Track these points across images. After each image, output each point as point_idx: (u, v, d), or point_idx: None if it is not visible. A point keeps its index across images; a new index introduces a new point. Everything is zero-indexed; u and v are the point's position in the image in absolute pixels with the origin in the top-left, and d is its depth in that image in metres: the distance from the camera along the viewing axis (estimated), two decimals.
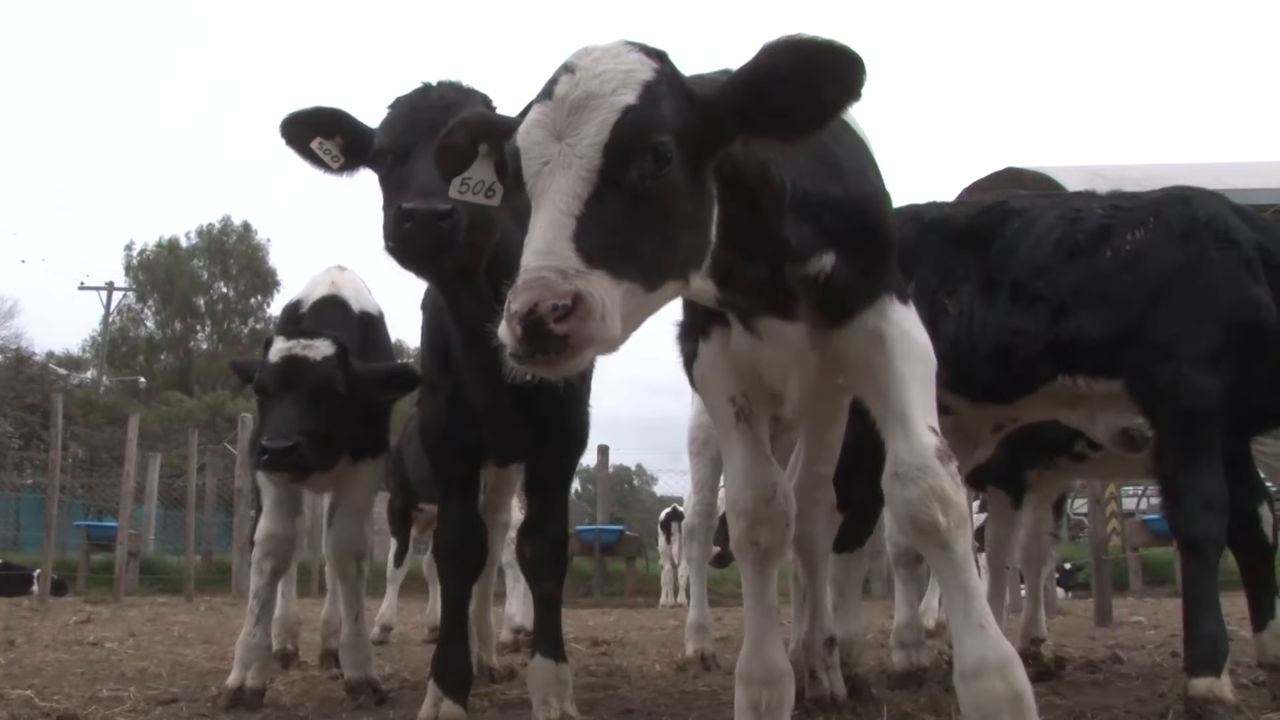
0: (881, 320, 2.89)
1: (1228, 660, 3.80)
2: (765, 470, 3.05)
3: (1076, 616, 10.52)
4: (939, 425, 2.89)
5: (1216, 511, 3.88)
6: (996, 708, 2.64)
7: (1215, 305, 3.96)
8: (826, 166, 2.81)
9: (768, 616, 3.11)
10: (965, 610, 2.73)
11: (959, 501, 2.73)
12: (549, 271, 2.11)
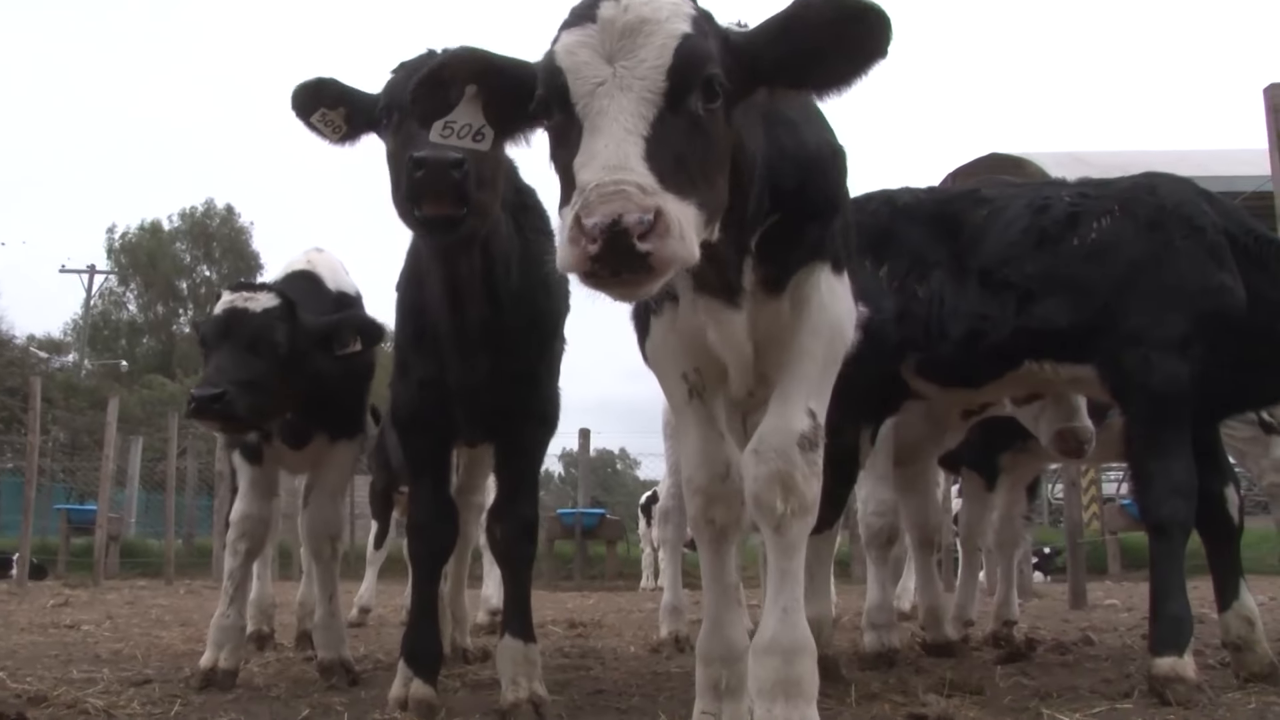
0: (810, 287, 2.86)
1: (1192, 640, 3.85)
2: (719, 447, 3.02)
3: (1053, 599, 10.60)
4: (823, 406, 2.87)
5: (1184, 496, 3.94)
6: (772, 688, 2.69)
7: (1182, 292, 4.01)
8: (783, 130, 2.79)
9: (726, 595, 3.09)
10: (778, 592, 2.76)
11: (805, 491, 2.73)
12: (629, 185, 2.05)
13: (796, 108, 2.86)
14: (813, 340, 2.83)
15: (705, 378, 3.03)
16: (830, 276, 2.89)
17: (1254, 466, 5.07)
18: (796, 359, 2.82)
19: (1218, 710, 3.56)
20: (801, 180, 2.81)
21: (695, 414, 3.04)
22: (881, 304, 4.45)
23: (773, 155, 2.75)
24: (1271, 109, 5.77)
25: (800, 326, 2.83)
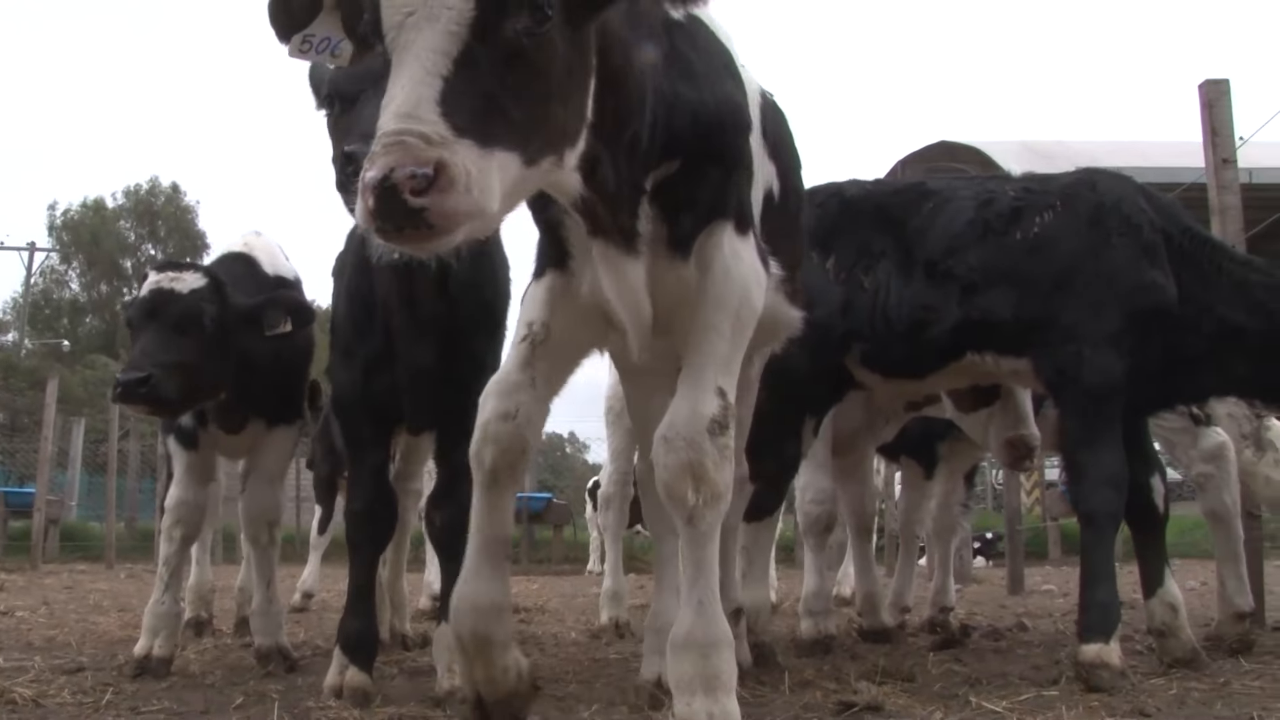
0: (713, 249, 2.73)
1: (1119, 628, 3.92)
2: (521, 390, 2.85)
3: (992, 585, 10.76)
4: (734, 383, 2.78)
5: (1115, 486, 4.02)
6: (690, 681, 2.66)
7: (1116, 289, 4.10)
8: (680, 68, 2.67)
9: (487, 548, 2.93)
10: (692, 585, 2.72)
11: (716, 479, 2.65)
12: (410, 136, 1.92)
13: (703, 55, 2.75)
14: (718, 314, 2.72)
15: (552, 336, 2.90)
16: (734, 238, 2.77)
17: (1183, 456, 5.16)
18: (702, 335, 2.72)
19: (1140, 695, 3.64)
20: (702, 128, 2.68)
21: (520, 355, 2.89)
22: (828, 295, 4.51)
23: (670, 94, 2.63)
24: (1205, 104, 5.87)
25: (705, 298, 2.72)
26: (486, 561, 2.93)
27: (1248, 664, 4.36)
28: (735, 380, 2.78)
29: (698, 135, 2.67)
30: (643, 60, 2.53)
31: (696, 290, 2.74)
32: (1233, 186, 5.78)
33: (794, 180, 3.50)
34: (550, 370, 2.93)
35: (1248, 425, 5.05)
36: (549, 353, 2.91)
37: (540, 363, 2.89)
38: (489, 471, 2.87)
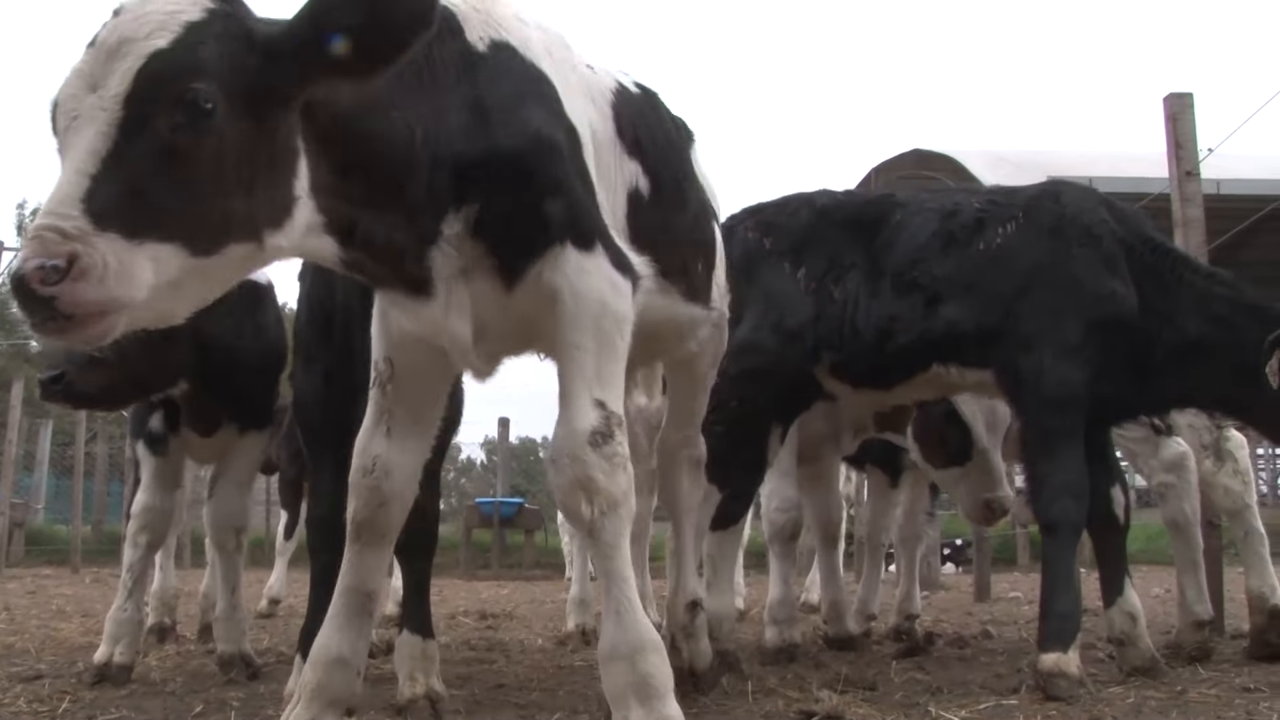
0: (556, 274, 2.71)
1: (1078, 637, 3.95)
2: (375, 442, 2.93)
3: (960, 592, 10.83)
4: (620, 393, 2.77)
5: (1075, 496, 4.05)
6: (623, 693, 2.65)
7: (1077, 299, 4.13)
8: (468, 107, 2.64)
9: (344, 598, 3.01)
10: (607, 595, 2.72)
11: (608, 488, 2.65)
12: (48, 231, 1.99)
13: (503, 88, 2.72)
14: (576, 332, 2.72)
15: (397, 371, 2.94)
16: (576, 257, 2.73)
17: (1144, 466, 5.20)
18: (567, 354, 2.73)
19: (1098, 705, 3.66)
20: (500, 168, 2.64)
21: (373, 402, 2.95)
22: (799, 305, 4.53)
23: (460, 139, 2.61)
24: (1169, 117, 5.93)
25: (561, 322, 2.72)
26: (342, 612, 2.99)
27: (1205, 672, 4.40)
28: (617, 388, 2.77)
29: (498, 175, 2.65)
30: (412, 123, 2.52)
31: (550, 316, 2.74)
32: (1196, 199, 5.84)
33: (671, 172, 3.42)
34: (409, 407, 2.97)
35: (1208, 436, 5.09)
36: (401, 389, 2.95)
37: (395, 405, 2.94)
38: (352, 524, 2.97)
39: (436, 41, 2.57)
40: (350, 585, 3.00)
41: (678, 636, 3.92)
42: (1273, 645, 4.77)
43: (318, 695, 2.91)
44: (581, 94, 3.00)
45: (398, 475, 2.94)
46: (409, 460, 2.97)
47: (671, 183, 3.40)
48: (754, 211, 4.91)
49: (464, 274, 2.71)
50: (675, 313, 3.47)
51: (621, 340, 2.79)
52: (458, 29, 2.68)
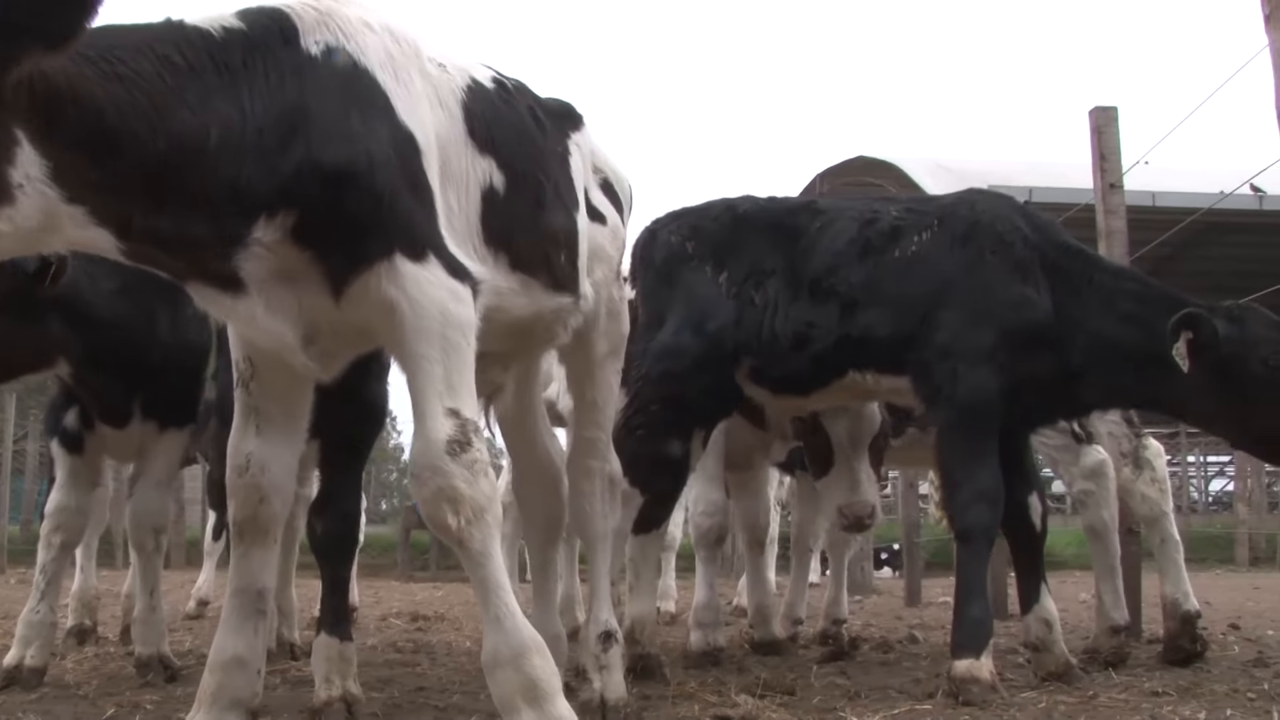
0: (389, 286, 2.69)
1: (990, 643, 4.00)
2: (245, 441, 2.97)
3: (893, 596, 10.90)
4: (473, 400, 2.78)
5: (989, 502, 4.10)
6: (512, 699, 2.67)
7: (989, 306, 4.18)
8: (288, 115, 2.62)
9: (235, 599, 3.02)
10: (484, 603, 2.73)
11: (472, 496, 2.64)
12: None
13: (336, 106, 2.70)
14: (421, 343, 2.71)
15: (258, 369, 2.97)
16: (410, 268, 2.71)
17: (1065, 474, 5.29)
18: (415, 366, 2.72)
19: (1010, 709, 3.71)
20: (324, 181, 2.62)
21: (239, 402, 2.99)
22: (720, 309, 4.55)
23: (274, 148, 2.58)
24: (1095, 129, 6.04)
25: (403, 334, 2.71)
26: (235, 613, 3.01)
27: (1119, 677, 4.47)
28: (470, 394, 2.77)
29: (314, 187, 2.63)
30: (203, 121, 2.47)
31: (391, 328, 2.74)
32: (1119, 210, 5.94)
33: (528, 166, 3.36)
34: (276, 403, 3.00)
35: (1127, 444, 5.17)
36: (265, 387, 2.98)
37: (262, 402, 2.97)
38: (234, 525, 3.01)
39: (261, 47, 2.58)
40: (239, 586, 3.00)
41: (589, 668, 3.77)
42: (1185, 650, 4.87)
43: (218, 698, 2.90)
44: (427, 99, 2.97)
45: (274, 470, 2.97)
46: (283, 455, 3.00)
47: (528, 178, 3.35)
48: (677, 215, 4.93)
49: (286, 277, 2.70)
50: (540, 307, 3.43)
51: (468, 346, 2.78)
52: (291, 34, 2.67)
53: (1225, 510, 23.52)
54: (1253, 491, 19.73)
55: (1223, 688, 4.13)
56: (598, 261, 3.83)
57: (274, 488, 2.98)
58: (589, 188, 3.86)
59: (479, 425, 2.76)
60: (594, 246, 3.79)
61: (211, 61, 2.50)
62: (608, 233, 3.93)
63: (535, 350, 3.84)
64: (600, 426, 3.97)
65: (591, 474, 3.91)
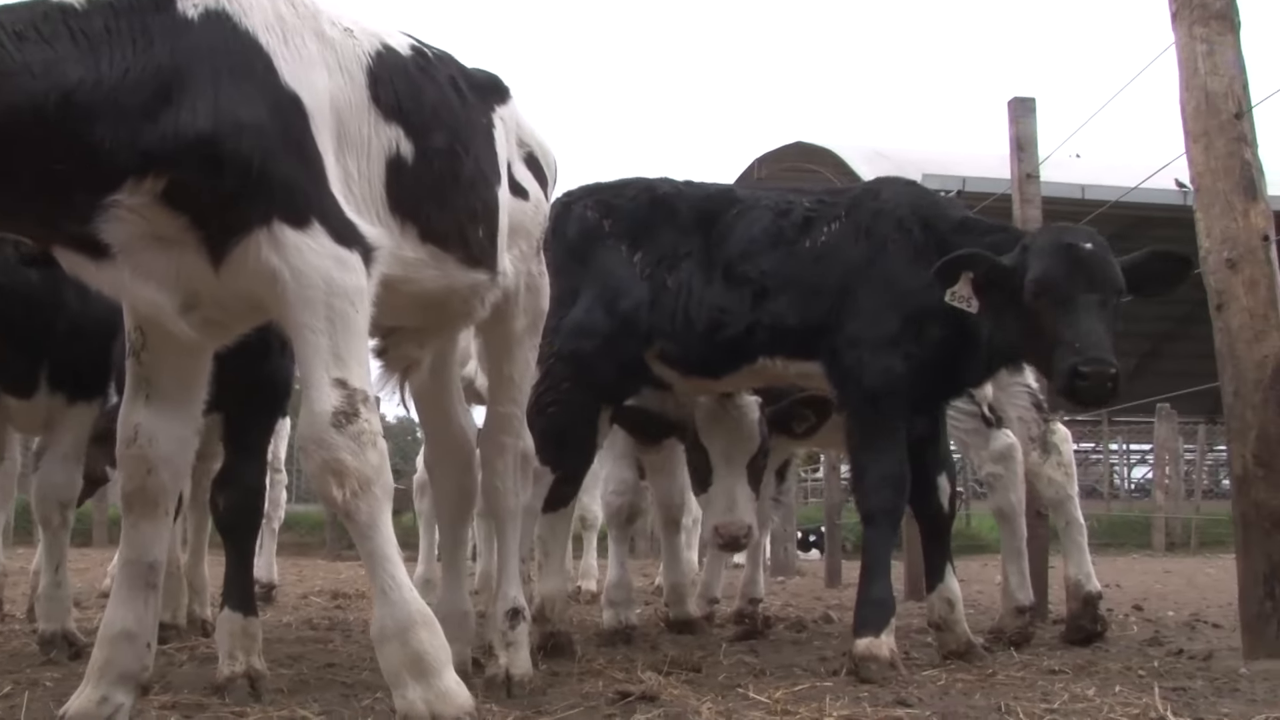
0: (270, 254, 2.66)
1: (891, 623, 4.08)
2: (134, 411, 2.94)
3: (816, 577, 11.03)
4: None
5: (894, 486, 4.18)
6: (399, 672, 2.69)
7: (892, 293, 4.24)
8: (156, 79, 2.58)
9: (125, 570, 2.99)
10: (372, 576, 2.74)
11: (358, 468, 2.63)
12: None
13: (208, 72, 2.66)
14: (305, 313, 2.68)
15: (149, 339, 2.93)
16: (291, 236, 2.68)
17: (975, 457, 5.39)
18: (299, 336, 2.70)
19: (908, 686, 3.77)
20: (190, 147, 2.58)
21: (130, 372, 2.96)
22: (634, 289, 4.56)
23: (137, 113, 2.55)
24: (1012, 120, 6.13)
25: (286, 303, 2.69)
26: (124, 585, 2.97)
27: (1020, 656, 4.59)
28: (358, 363, 2.74)
29: (181, 152, 2.59)
30: (53, 85, 2.44)
31: (274, 297, 2.72)
32: (1035, 200, 6.05)
33: (444, 136, 3.32)
34: (169, 373, 2.96)
35: (1035, 429, 5.28)
36: (157, 357, 2.94)
37: (153, 372, 2.93)
38: (122, 497, 2.97)
39: (129, 13, 2.55)
40: (129, 558, 2.97)
41: (496, 644, 3.78)
42: (1086, 630, 5.00)
43: (106, 671, 2.86)
44: (324, 63, 2.92)
45: (163, 441, 2.92)
46: (174, 427, 2.95)
47: (443, 149, 3.30)
48: (593, 191, 4.91)
49: (159, 242, 2.66)
50: (453, 281, 3.39)
51: (357, 315, 2.75)
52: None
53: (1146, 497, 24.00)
54: (1170, 479, 20.17)
55: (1117, 666, 4.25)
56: (519, 236, 3.81)
57: (162, 459, 2.93)
58: (513, 161, 3.84)
59: (368, 395, 2.73)
60: (515, 222, 3.77)
61: (67, 30, 2.47)
62: (530, 207, 3.91)
63: (451, 326, 3.79)
64: (516, 402, 3.96)
65: (505, 450, 3.90)
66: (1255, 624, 4.11)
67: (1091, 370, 3.71)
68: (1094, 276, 3.89)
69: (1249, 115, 4.28)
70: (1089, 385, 3.72)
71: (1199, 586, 9.18)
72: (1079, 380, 3.72)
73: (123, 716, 2.86)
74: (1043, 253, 3.96)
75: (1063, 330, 3.83)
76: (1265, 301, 4.16)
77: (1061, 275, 3.88)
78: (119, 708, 2.85)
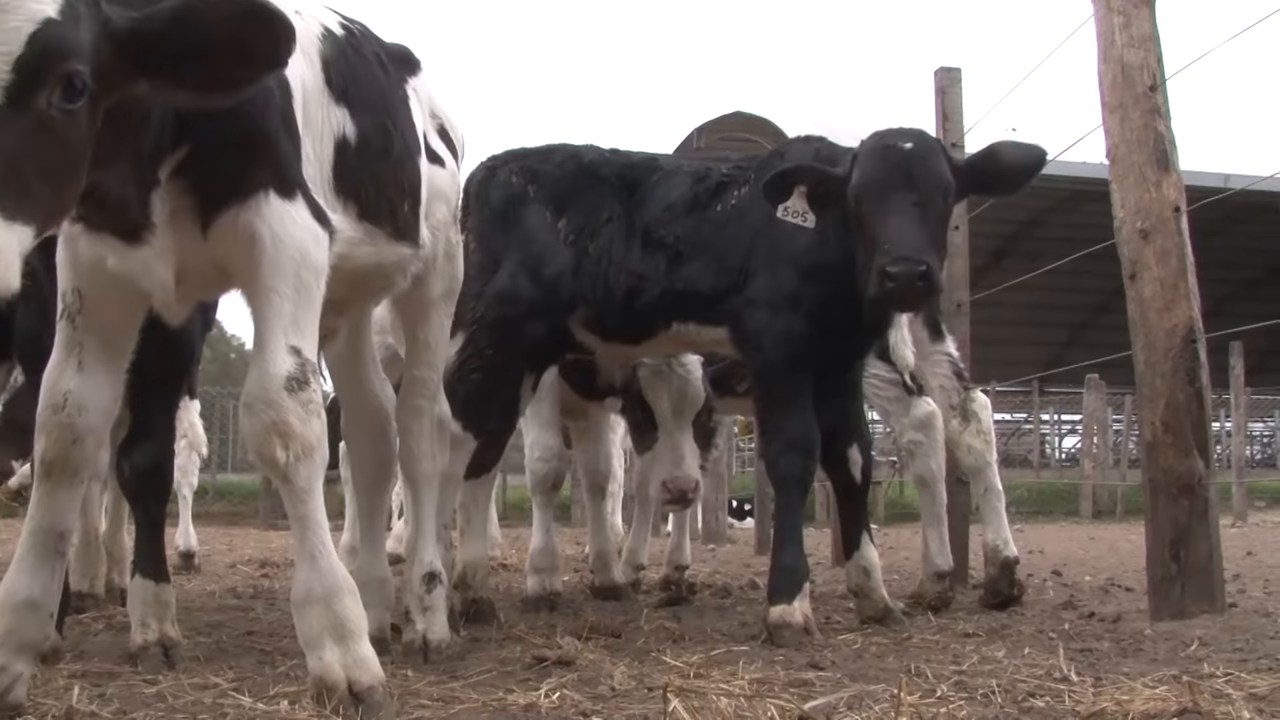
0: (256, 219, 2.71)
1: (804, 588, 4.13)
2: (65, 376, 2.85)
3: (747, 546, 11.12)
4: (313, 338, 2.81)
5: (801, 451, 4.18)
6: (319, 635, 2.71)
7: (790, 253, 4.21)
8: None
9: (33, 538, 2.86)
10: (301, 540, 2.76)
11: (303, 434, 2.67)
12: None
13: None
14: (275, 276, 2.73)
15: (86, 302, 2.86)
16: (278, 205, 2.75)
17: (896, 425, 5.44)
18: (264, 299, 2.74)
19: (823, 651, 3.82)
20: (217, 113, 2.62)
21: (61, 335, 2.89)
22: (557, 256, 4.54)
23: None
24: (939, 90, 6.17)
25: (260, 265, 2.73)
26: (31, 552, 2.88)
27: (937, 620, 4.66)
28: (312, 336, 2.81)
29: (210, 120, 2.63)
30: None
31: (249, 259, 2.75)
32: None
33: (377, 117, 3.39)
34: (103, 340, 2.91)
35: (956, 397, 5.33)
36: (92, 322, 2.88)
37: (86, 337, 2.87)
38: (40, 463, 2.87)
39: None
40: (40, 525, 2.88)
41: (413, 608, 3.78)
42: (1003, 594, 5.08)
43: (6, 640, 2.79)
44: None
45: (91, 411, 2.87)
46: (103, 395, 2.90)
47: (377, 127, 3.38)
48: (518, 156, 4.86)
49: (172, 217, 2.70)
50: (382, 257, 3.46)
51: (318, 290, 2.81)
52: None
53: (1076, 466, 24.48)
54: (1098, 448, 20.57)
55: (1029, 629, 4.33)
56: (437, 204, 3.85)
57: (89, 429, 2.88)
58: (428, 132, 3.88)
59: (317, 368, 2.79)
60: (433, 190, 3.80)
61: None
62: (446, 175, 3.95)
63: (373, 297, 3.85)
64: (432, 367, 3.97)
65: (420, 414, 3.91)
66: (1161, 586, 4.22)
67: (900, 270, 3.62)
68: (912, 175, 3.81)
69: (1163, 88, 4.34)
70: (897, 287, 3.64)
71: (1119, 553, 9.37)
72: (887, 282, 3.64)
73: (22, 686, 2.80)
74: (864, 157, 3.91)
75: (877, 234, 3.76)
76: (1176, 271, 4.25)
77: (878, 177, 3.83)
78: (18, 677, 2.79)
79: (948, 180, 3.87)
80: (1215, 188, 13.37)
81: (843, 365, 4.43)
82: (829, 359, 4.30)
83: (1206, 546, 4.16)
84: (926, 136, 4.02)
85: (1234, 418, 16.77)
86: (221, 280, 2.94)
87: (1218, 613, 4.11)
